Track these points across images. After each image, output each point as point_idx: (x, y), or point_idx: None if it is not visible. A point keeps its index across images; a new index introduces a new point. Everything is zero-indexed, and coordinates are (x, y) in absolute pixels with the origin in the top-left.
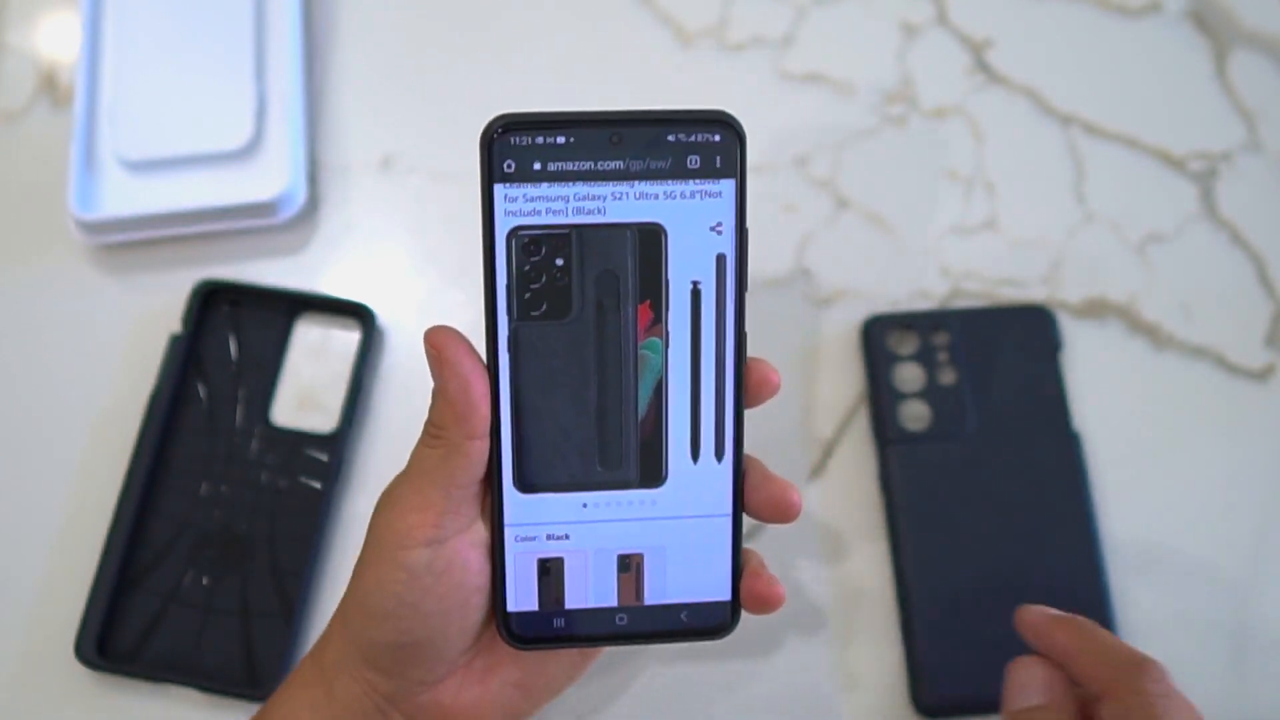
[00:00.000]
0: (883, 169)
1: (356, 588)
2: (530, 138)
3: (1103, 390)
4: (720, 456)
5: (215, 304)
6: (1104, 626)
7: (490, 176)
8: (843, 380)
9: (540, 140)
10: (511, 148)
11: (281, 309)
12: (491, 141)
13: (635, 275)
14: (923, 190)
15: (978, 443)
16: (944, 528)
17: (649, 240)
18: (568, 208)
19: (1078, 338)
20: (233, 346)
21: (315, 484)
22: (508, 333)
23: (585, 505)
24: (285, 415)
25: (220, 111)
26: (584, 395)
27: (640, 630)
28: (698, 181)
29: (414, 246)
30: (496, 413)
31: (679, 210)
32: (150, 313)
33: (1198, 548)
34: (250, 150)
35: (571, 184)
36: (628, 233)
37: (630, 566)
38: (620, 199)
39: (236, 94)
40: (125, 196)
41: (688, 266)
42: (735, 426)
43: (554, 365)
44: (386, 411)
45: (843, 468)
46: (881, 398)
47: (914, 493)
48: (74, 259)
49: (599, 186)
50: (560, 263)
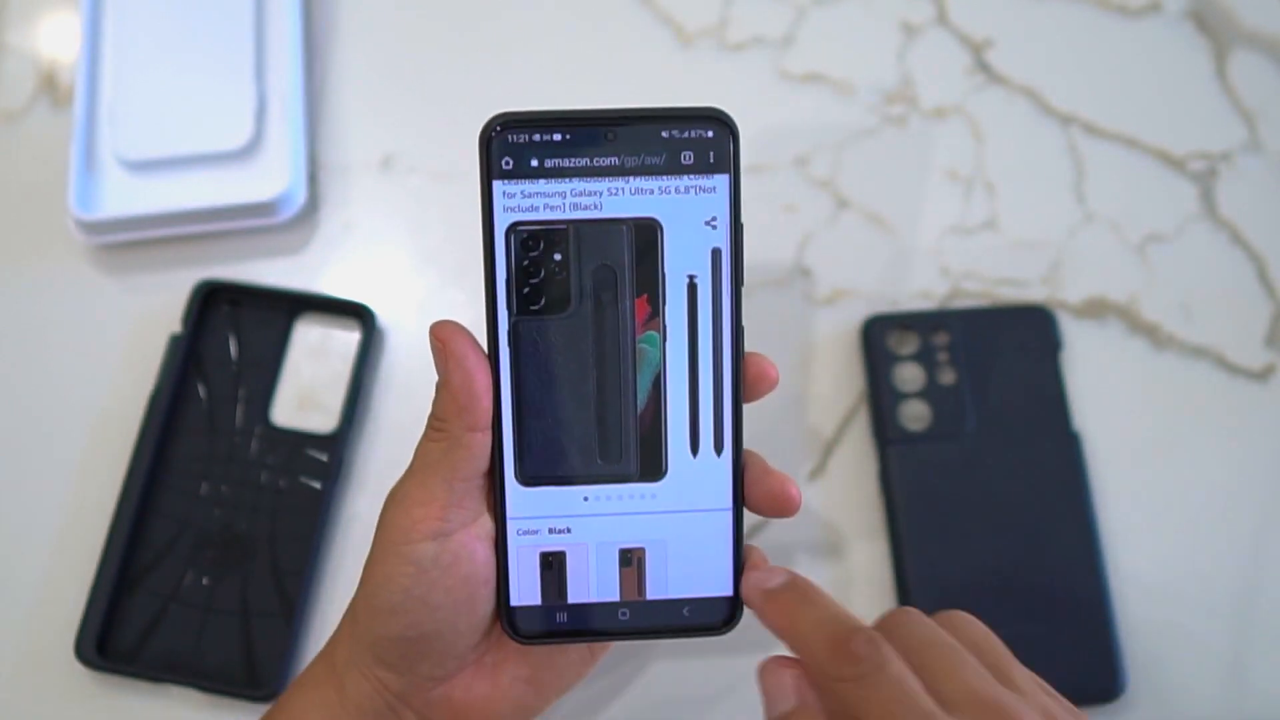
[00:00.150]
0: (883, 169)
1: (365, 584)
2: (527, 135)
3: (1103, 390)
4: (720, 450)
5: (215, 304)
6: (1103, 626)
7: (489, 174)
8: (843, 380)
9: (537, 138)
10: (509, 145)
11: (281, 309)
12: (490, 139)
13: (632, 269)
14: (923, 190)
15: (978, 443)
16: (944, 528)
17: (645, 235)
18: (565, 203)
19: (1078, 338)
20: (233, 346)
21: (315, 484)
22: (507, 327)
23: (586, 499)
24: (285, 415)
25: (220, 111)
26: (583, 389)
27: (642, 625)
28: (692, 177)
29: (414, 246)
30: (498, 406)
31: (674, 205)
32: (150, 313)
33: (1197, 548)
34: (250, 150)
35: (568, 180)
36: (624, 227)
37: (632, 560)
38: (616, 194)
39: (236, 94)
40: (125, 196)
41: (684, 261)
42: (734, 420)
43: (553, 359)
44: (386, 411)
45: (843, 468)
46: (881, 398)
47: (914, 493)
48: (74, 259)
49: (595, 182)
50: (558, 257)
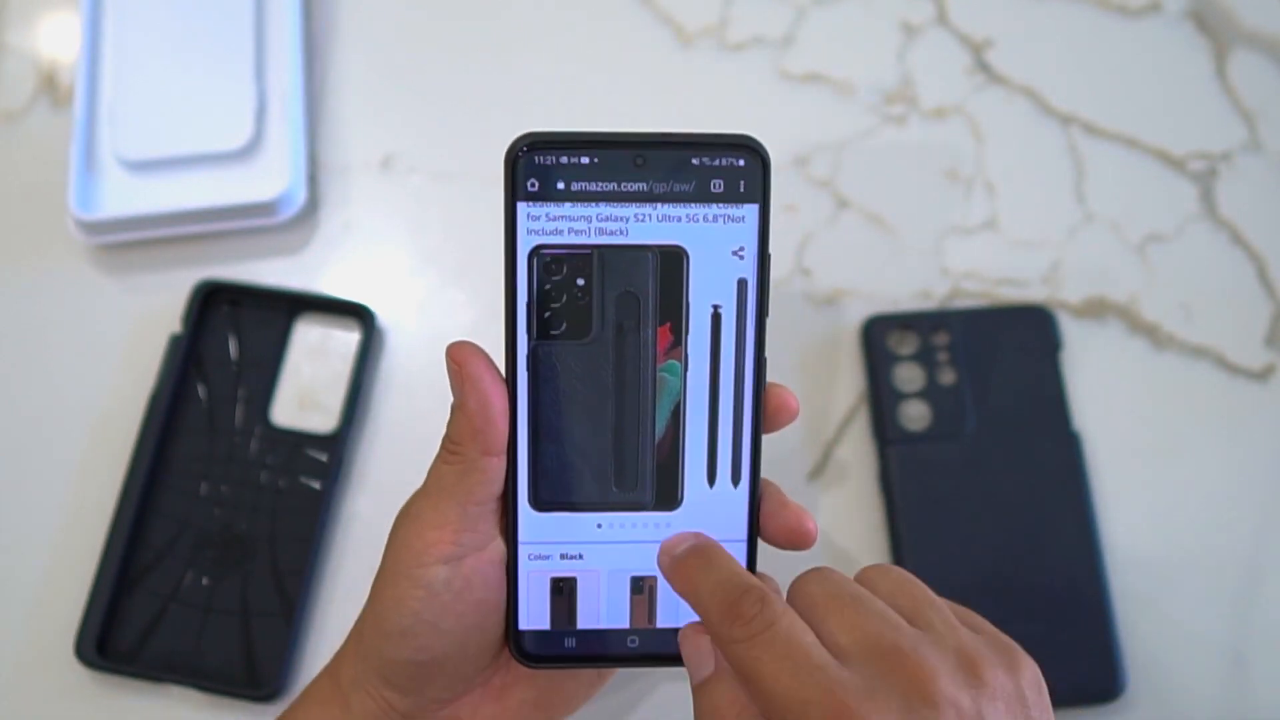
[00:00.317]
0: (883, 169)
1: (374, 605)
2: (554, 157)
3: (1103, 390)
4: (736, 481)
5: (215, 304)
6: (1103, 626)
7: (514, 195)
8: (843, 380)
9: (564, 159)
10: (535, 166)
11: (281, 309)
12: (516, 160)
13: (656, 297)
14: (923, 190)
15: (978, 443)
16: (944, 528)
17: (670, 262)
18: (590, 228)
19: (1078, 338)
20: (233, 346)
21: (315, 484)
22: (527, 351)
23: (600, 526)
24: (285, 415)
25: (220, 111)
26: (601, 416)
27: (651, 653)
28: (721, 205)
29: (414, 246)
30: (514, 430)
31: (701, 234)
32: (150, 313)
33: (1198, 548)
34: (250, 150)
35: (594, 204)
36: (649, 254)
37: (643, 589)
38: (643, 220)
39: (236, 94)
40: (125, 196)
41: (709, 290)
42: (752, 451)
43: (572, 385)
44: (386, 411)
45: (843, 468)
46: (881, 398)
47: (914, 493)
48: (74, 259)
49: (622, 208)
50: (581, 283)
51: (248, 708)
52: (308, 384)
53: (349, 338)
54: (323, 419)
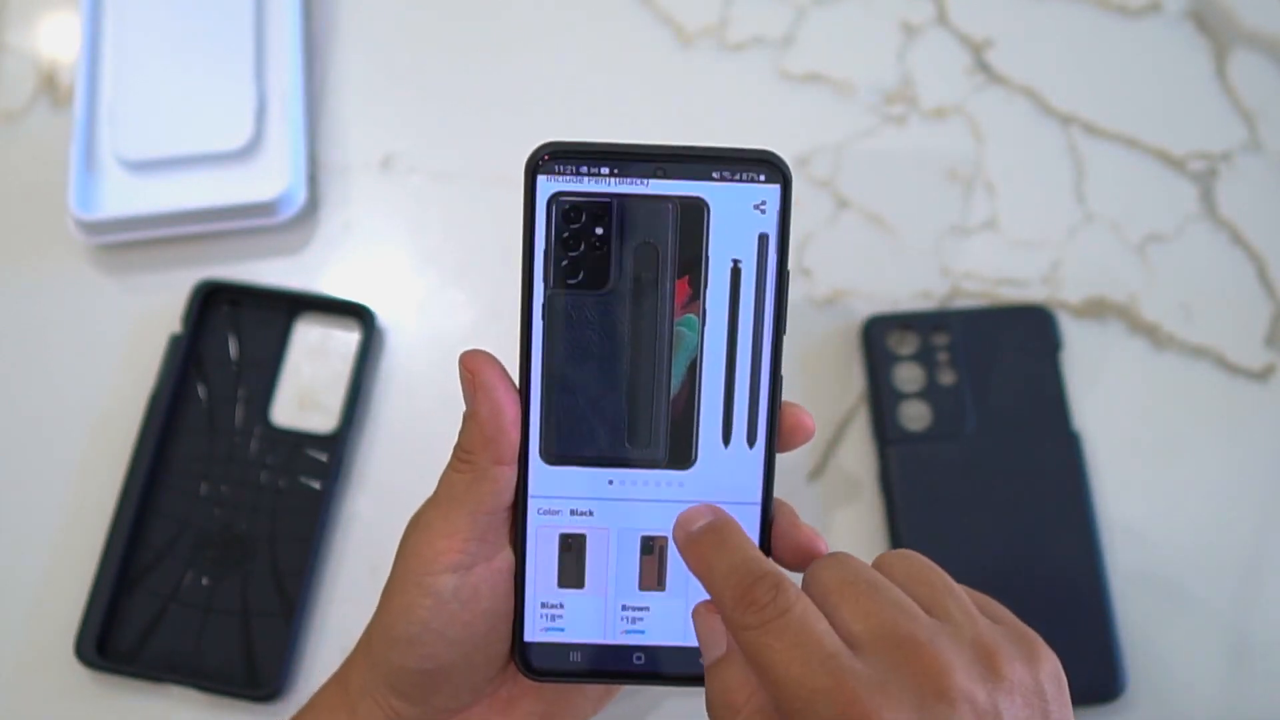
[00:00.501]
0: (883, 169)
1: (383, 613)
2: (574, 166)
3: (1103, 390)
4: (752, 442)
5: (215, 304)
6: (1103, 626)
7: (533, 201)
8: (843, 380)
9: (584, 169)
10: (556, 175)
11: (281, 309)
12: (536, 168)
13: (675, 249)
14: (923, 190)
15: (978, 443)
16: (944, 528)
17: (691, 214)
18: (610, 181)
19: (1078, 338)
20: (233, 346)
21: (315, 484)
22: (543, 299)
23: (611, 482)
24: (285, 415)
25: (220, 111)
26: (616, 368)
27: (657, 671)
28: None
29: (414, 246)
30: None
31: (723, 189)
32: (150, 313)
33: (1198, 548)
34: (250, 150)
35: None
36: (669, 204)
37: (654, 549)
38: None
39: (236, 94)
40: (125, 196)
41: (729, 244)
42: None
43: (587, 336)
44: (386, 411)
45: (843, 468)
46: (881, 398)
47: (914, 493)
48: (74, 259)
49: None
50: (600, 231)
51: (248, 708)
52: (308, 384)
53: (349, 338)
54: (323, 419)
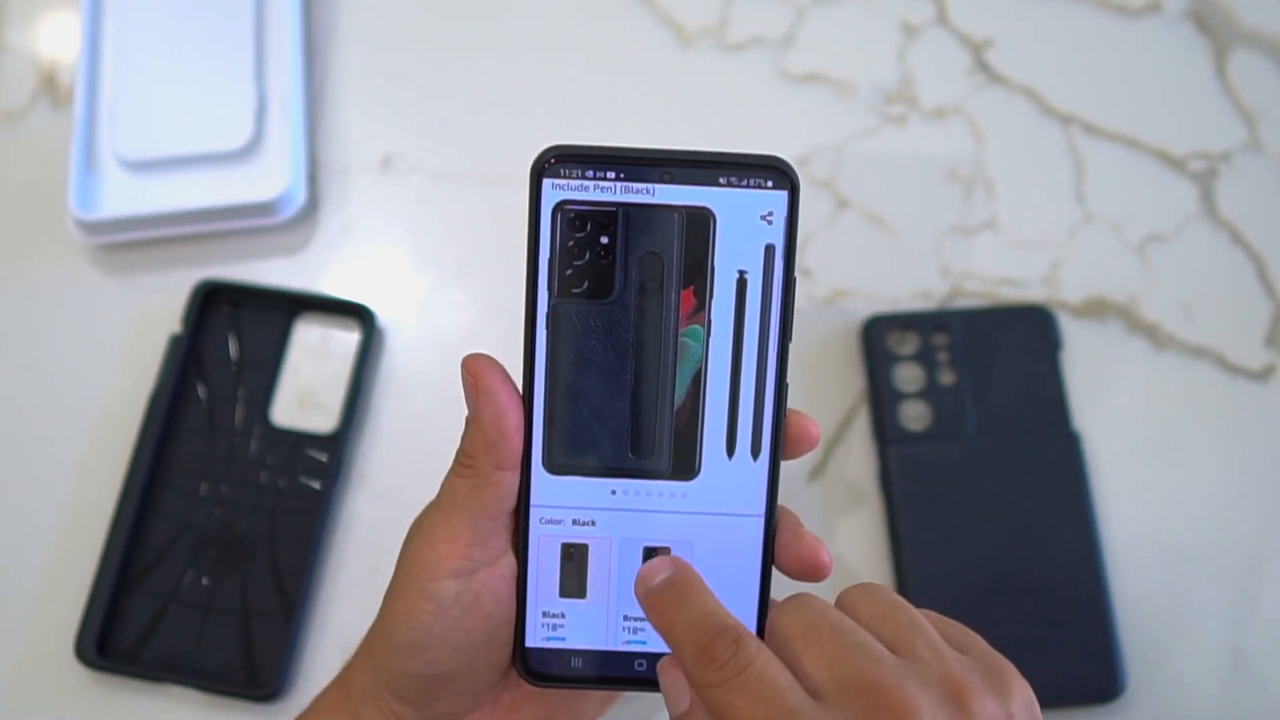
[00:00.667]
0: (883, 169)
1: (384, 618)
2: (580, 170)
3: (1103, 390)
4: (756, 453)
5: (215, 304)
6: (1103, 626)
7: (539, 207)
8: (843, 380)
9: (590, 173)
10: (561, 179)
11: (281, 309)
12: (541, 172)
13: (680, 259)
14: (923, 190)
15: (978, 443)
16: (944, 528)
17: (697, 224)
18: (615, 186)
19: (1078, 338)
20: (233, 346)
21: (315, 484)
22: (547, 309)
23: (614, 492)
24: (285, 415)
25: (220, 111)
26: (620, 379)
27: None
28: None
29: (414, 246)
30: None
31: (730, 197)
32: (150, 313)
33: (1198, 548)
34: (250, 150)
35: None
36: (675, 214)
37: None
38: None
39: (236, 94)
40: (125, 196)
41: (735, 254)
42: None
43: (591, 345)
44: (386, 411)
45: (843, 468)
46: (881, 398)
47: (914, 493)
48: (74, 259)
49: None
50: (605, 241)
51: (247, 708)
52: (308, 384)
53: (349, 338)
54: (323, 419)
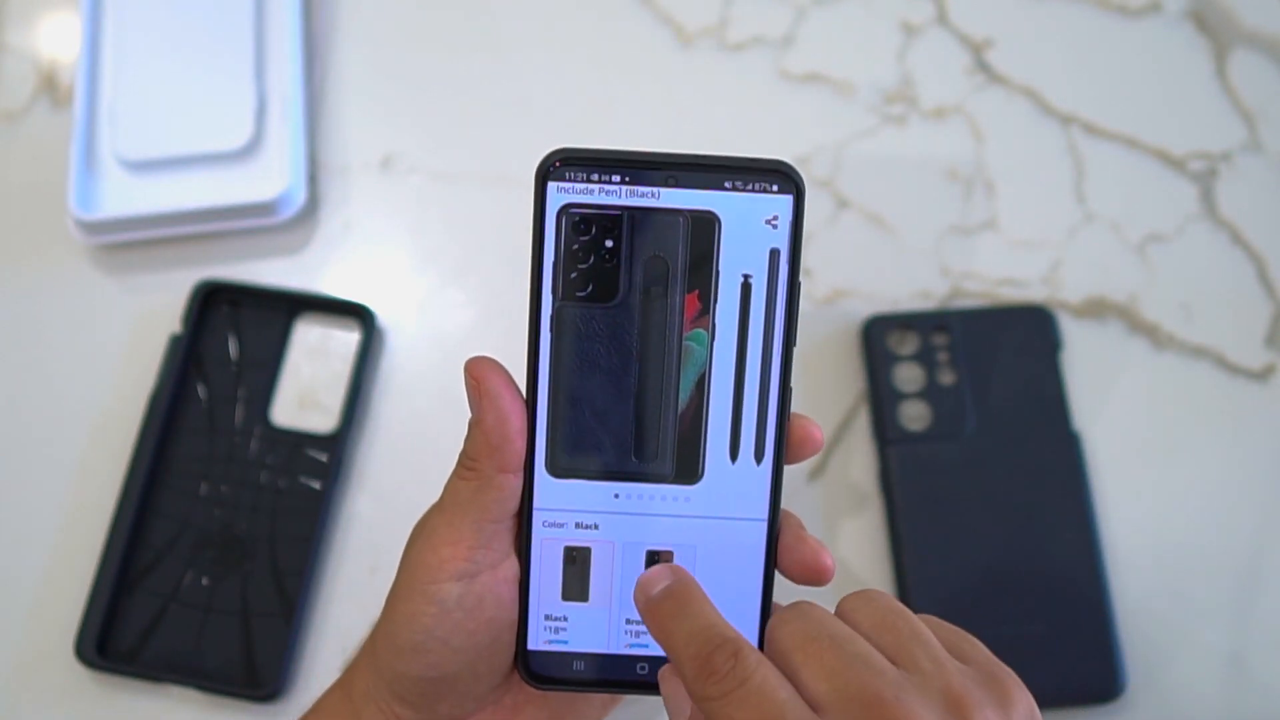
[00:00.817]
0: (883, 169)
1: (387, 620)
2: (585, 174)
3: (1103, 390)
4: (760, 458)
5: (215, 304)
6: (1103, 626)
7: (543, 210)
8: (843, 380)
9: (595, 177)
10: (566, 183)
11: (281, 309)
12: (547, 175)
13: (685, 263)
14: (923, 190)
15: (978, 443)
16: (944, 528)
17: (702, 228)
18: (621, 190)
19: (1078, 338)
20: (233, 346)
21: (315, 484)
22: (551, 312)
23: (617, 496)
24: (285, 415)
25: (220, 111)
26: (624, 382)
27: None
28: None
29: (414, 246)
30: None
31: (735, 201)
32: (150, 313)
33: (1198, 548)
34: (250, 150)
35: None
36: (680, 218)
37: (658, 563)
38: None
39: (236, 94)
40: (125, 196)
41: (740, 258)
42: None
43: (595, 349)
44: (386, 411)
45: (843, 468)
46: (881, 398)
47: (914, 493)
48: (74, 259)
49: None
50: (609, 244)
51: (248, 708)
52: (308, 384)
53: (349, 338)
54: (323, 419)
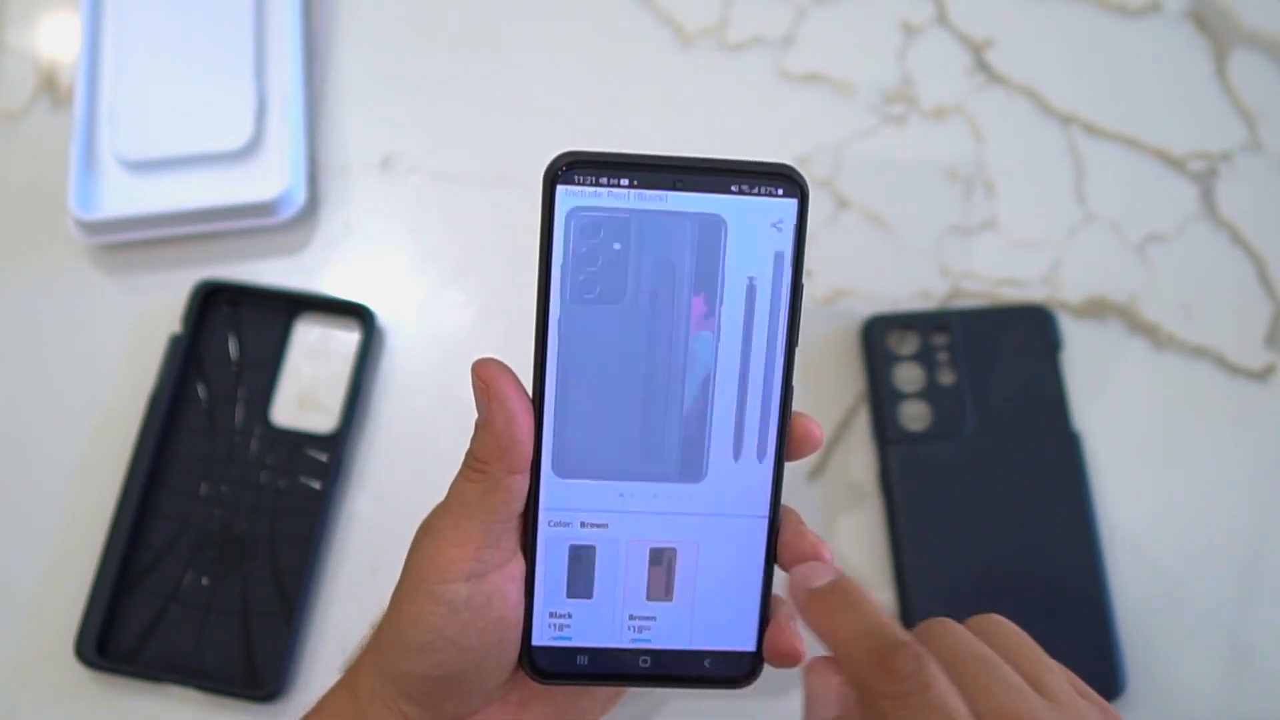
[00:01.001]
0: (883, 169)
1: (394, 620)
2: (593, 177)
3: (1103, 390)
4: (762, 456)
5: (215, 304)
6: (1103, 625)
7: (552, 212)
8: (843, 380)
9: (603, 181)
10: (574, 186)
11: (281, 309)
12: (555, 178)
13: (691, 266)
14: (923, 190)
15: (978, 443)
16: (944, 528)
17: (708, 232)
18: (629, 194)
19: (1078, 338)
20: (233, 346)
21: (315, 484)
22: (558, 313)
23: (622, 495)
24: (285, 415)
25: (220, 111)
26: (630, 384)
27: (662, 673)
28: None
29: (414, 246)
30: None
31: (741, 205)
32: (150, 313)
33: (1198, 548)
34: (250, 150)
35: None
36: (687, 222)
37: (662, 561)
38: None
39: (236, 94)
40: (125, 196)
41: (745, 262)
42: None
43: (602, 351)
44: (386, 411)
45: (843, 467)
46: (881, 398)
47: (914, 493)
48: (74, 259)
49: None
50: (617, 247)
51: (248, 708)
52: (308, 384)
53: (349, 338)
54: (323, 419)
